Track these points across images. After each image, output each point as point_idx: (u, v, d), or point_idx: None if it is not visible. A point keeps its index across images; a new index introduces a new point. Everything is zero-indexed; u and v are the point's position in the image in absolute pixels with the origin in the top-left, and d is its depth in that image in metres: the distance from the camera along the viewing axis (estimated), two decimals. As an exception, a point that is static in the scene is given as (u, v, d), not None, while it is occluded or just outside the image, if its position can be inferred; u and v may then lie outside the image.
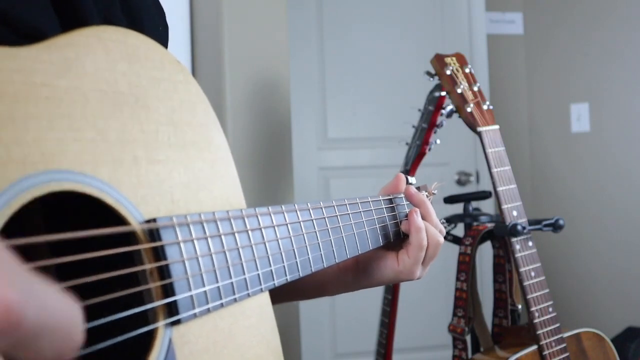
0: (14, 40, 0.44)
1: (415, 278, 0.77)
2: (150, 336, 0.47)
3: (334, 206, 0.70)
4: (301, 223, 0.64)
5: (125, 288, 0.45)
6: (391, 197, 0.80)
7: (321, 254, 0.66)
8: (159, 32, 0.68)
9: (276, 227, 0.60)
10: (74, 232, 0.41)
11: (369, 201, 0.76)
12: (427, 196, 0.86)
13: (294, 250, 0.62)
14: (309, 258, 0.64)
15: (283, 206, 0.62)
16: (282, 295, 0.81)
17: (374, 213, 0.76)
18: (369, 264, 0.78)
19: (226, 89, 1.86)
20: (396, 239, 0.79)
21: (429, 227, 0.76)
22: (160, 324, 0.47)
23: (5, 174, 0.39)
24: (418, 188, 0.85)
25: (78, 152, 0.44)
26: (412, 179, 0.87)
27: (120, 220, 0.47)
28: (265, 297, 0.59)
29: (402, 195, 0.81)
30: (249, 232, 0.57)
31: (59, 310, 0.32)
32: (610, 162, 2.72)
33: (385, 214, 0.78)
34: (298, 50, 2.65)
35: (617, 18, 2.69)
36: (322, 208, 0.68)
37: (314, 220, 0.66)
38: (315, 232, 0.66)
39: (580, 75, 2.84)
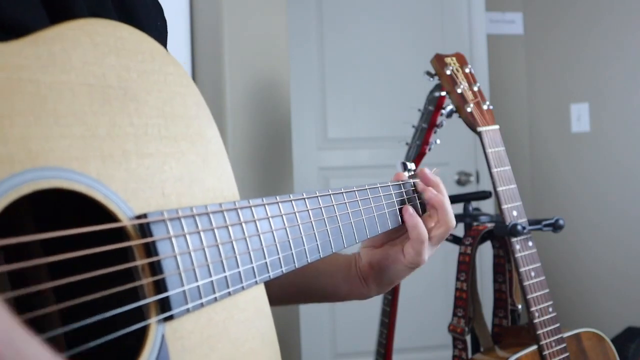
0: (3, 39, 0.44)
1: (425, 262, 0.77)
2: (143, 333, 0.46)
3: (330, 195, 0.68)
4: (296, 213, 0.63)
5: (117, 285, 0.45)
6: (389, 184, 0.79)
7: (317, 245, 0.65)
8: (157, 26, 0.68)
9: (271, 219, 0.59)
10: (63, 230, 0.41)
11: (366, 189, 0.74)
12: None
13: (289, 241, 0.61)
14: (304, 249, 0.63)
15: (277, 197, 0.61)
16: (300, 296, 0.83)
17: (372, 201, 0.75)
18: (381, 265, 0.79)
19: (226, 89, 1.85)
20: (396, 227, 0.78)
21: (442, 212, 0.77)
22: (153, 320, 0.47)
23: (-9, 172, 0.38)
24: (414, 175, 0.84)
25: (66, 149, 0.44)
26: (411, 165, 0.86)
27: (110, 216, 0.46)
28: (261, 290, 0.58)
29: (399, 184, 0.81)
30: (243, 224, 0.56)
31: None
32: (610, 162, 2.72)
33: (383, 202, 0.77)
34: (298, 50, 2.65)
35: (616, 18, 2.69)
36: (318, 197, 0.66)
37: (309, 210, 0.65)
38: (311, 222, 0.64)
39: (580, 75, 2.83)
